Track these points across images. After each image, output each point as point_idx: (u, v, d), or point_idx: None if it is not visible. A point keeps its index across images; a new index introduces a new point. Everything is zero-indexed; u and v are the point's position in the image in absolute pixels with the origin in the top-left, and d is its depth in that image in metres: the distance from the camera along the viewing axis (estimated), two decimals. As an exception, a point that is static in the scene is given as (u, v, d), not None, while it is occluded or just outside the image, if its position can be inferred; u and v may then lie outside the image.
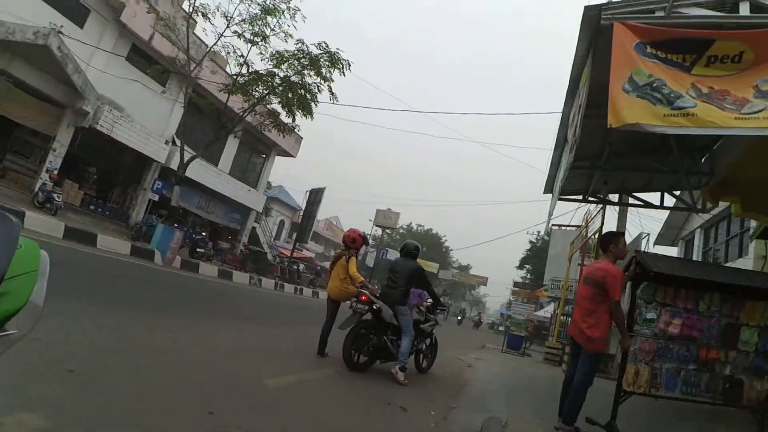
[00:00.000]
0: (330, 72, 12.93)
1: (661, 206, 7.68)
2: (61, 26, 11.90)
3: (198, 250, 15.86)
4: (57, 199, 11.87)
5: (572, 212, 41.28)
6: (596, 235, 9.23)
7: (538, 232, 34.90)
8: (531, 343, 18.10)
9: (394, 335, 5.00)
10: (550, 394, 5.52)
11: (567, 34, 5.49)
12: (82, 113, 13.36)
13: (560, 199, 6.75)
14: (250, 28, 12.76)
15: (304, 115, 13.58)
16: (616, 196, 7.98)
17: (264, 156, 23.14)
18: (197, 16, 12.66)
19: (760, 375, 3.93)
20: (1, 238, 0.71)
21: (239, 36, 12.91)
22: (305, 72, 13.09)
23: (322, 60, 12.80)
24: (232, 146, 20.42)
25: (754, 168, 5.25)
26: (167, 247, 12.28)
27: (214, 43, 13.26)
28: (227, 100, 13.88)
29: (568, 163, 4.66)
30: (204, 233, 18.08)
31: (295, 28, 12.83)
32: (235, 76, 14.04)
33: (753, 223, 8.52)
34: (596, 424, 3.78)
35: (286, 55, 13.02)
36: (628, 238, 11.88)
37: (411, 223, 55.25)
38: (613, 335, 3.88)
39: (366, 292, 4.96)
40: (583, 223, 11.64)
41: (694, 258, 12.27)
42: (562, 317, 14.11)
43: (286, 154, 23.35)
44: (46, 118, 13.21)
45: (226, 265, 17.28)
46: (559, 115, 5.30)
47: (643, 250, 8.52)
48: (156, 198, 15.67)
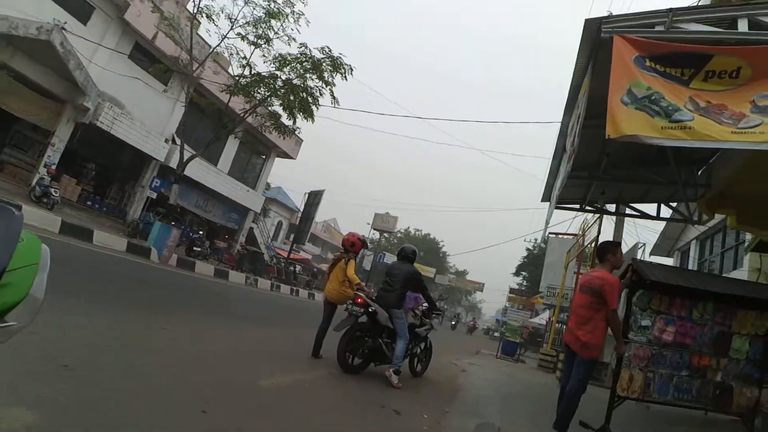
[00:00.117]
0: (332, 76, 12.98)
1: (658, 217, 7.75)
2: (65, 22, 11.93)
3: (195, 248, 15.82)
4: (54, 194, 11.84)
5: (569, 221, 41.43)
6: (593, 244, 9.28)
7: (536, 240, 34.99)
8: (526, 350, 18.12)
9: (389, 338, 5.00)
10: (544, 401, 5.55)
11: (567, 49, 5.56)
12: (83, 109, 13.36)
13: (557, 208, 6.80)
14: (254, 30, 12.80)
15: (305, 118, 13.61)
16: (614, 206, 8.04)
17: (264, 157, 23.16)
18: (201, 17, 12.71)
19: (750, 382, 4.03)
20: (4, 231, 0.71)
21: (242, 38, 12.94)
22: (307, 75, 13.15)
23: (324, 64, 12.86)
24: (232, 146, 20.43)
25: (750, 182, 5.32)
26: (164, 245, 12.24)
27: (218, 45, 13.32)
28: (228, 101, 13.91)
29: (566, 172, 4.70)
30: (201, 232, 18.05)
31: (299, 32, 12.92)
32: (237, 78, 14.09)
33: (748, 236, 8.59)
34: (590, 428, 3.81)
35: (289, 59, 13.06)
36: (625, 248, 11.98)
37: (409, 228, 55.31)
38: (607, 343, 3.95)
39: (362, 294, 4.97)
40: (580, 232, 11.70)
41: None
42: (557, 324, 14.15)
43: (286, 155, 23.38)
44: (46, 113, 13.21)
45: (223, 265, 17.24)
46: (559, 125, 5.36)
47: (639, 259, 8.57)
48: (154, 196, 15.64)
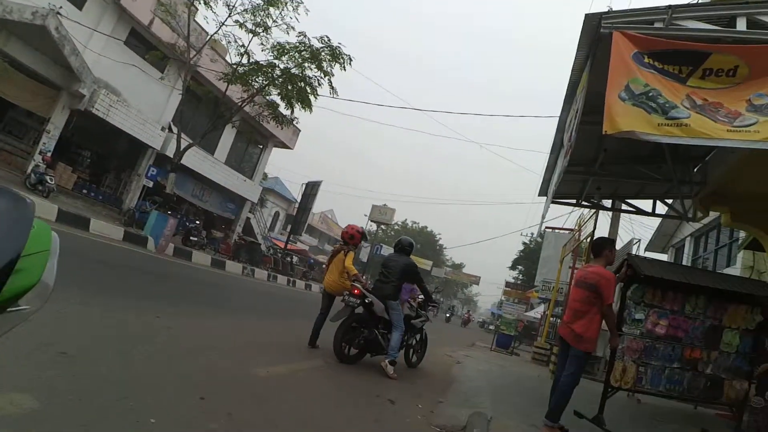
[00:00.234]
0: (331, 66, 12.88)
1: (653, 213, 7.81)
2: (60, 7, 11.74)
3: (191, 238, 15.78)
4: (49, 182, 11.76)
5: (566, 216, 41.63)
6: (588, 239, 9.34)
7: (532, 234, 35.15)
8: (520, 343, 18.33)
9: (385, 329, 5.05)
10: (537, 393, 5.63)
11: (566, 49, 5.55)
12: (78, 96, 13.20)
13: (554, 202, 6.84)
14: (252, 18, 12.67)
15: (303, 108, 13.53)
16: (609, 201, 8.08)
17: (261, 147, 23.03)
18: (199, 3, 12.56)
19: (740, 375, 4.14)
20: (19, 217, 0.73)
21: (240, 26, 12.81)
22: (306, 65, 13.04)
23: (323, 54, 12.75)
24: (229, 135, 20.29)
25: (745, 181, 5.37)
26: (160, 234, 12.22)
27: (215, 32, 13.17)
28: (226, 89, 13.79)
29: (563, 167, 4.73)
30: (198, 221, 18.01)
31: (298, 20, 12.78)
32: (234, 66, 13.96)
33: (742, 234, 8.68)
34: (584, 418, 3.90)
35: (288, 47, 12.94)
36: (620, 244, 12.08)
37: (406, 220, 55.48)
38: (601, 337, 4.03)
39: (358, 285, 5.01)
40: (576, 227, 11.76)
41: (683, 265, 12.45)
42: (551, 318, 14.29)
43: (284, 145, 23.26)
44: (41, 100, 13.05)
45: (220, 255, 17.24)
46: (557, 120, 5.37)
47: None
48: (150, 184, 15.56)
